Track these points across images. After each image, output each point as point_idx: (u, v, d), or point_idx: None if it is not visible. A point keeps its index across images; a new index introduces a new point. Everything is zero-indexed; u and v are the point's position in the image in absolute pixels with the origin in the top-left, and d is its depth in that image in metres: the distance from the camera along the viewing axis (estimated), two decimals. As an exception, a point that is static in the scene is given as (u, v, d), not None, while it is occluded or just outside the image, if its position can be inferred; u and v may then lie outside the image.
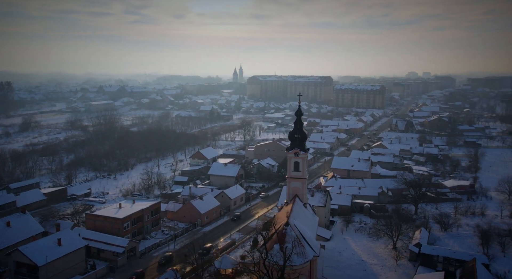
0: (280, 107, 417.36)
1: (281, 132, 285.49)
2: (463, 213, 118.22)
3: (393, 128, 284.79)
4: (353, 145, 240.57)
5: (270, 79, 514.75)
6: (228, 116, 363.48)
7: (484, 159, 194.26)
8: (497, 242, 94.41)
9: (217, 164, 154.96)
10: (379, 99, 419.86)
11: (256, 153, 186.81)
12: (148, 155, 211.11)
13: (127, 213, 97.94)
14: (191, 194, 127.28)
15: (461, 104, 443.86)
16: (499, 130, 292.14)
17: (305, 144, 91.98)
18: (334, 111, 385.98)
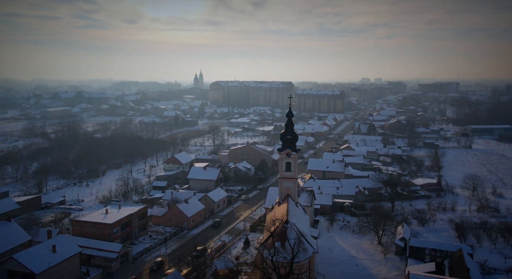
0: (244, 112, 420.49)
1: (248, 137, 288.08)
2: (436, 209, 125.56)
3: (356, 131, 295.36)
4: (321, 148, 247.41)
5: (233, 84, 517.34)
6: (193, 122, 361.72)
7: (444, 159, 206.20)
8: (471, 235, 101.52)
9: (196, 168, 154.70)
10: (339, 104, 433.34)
11: (230, 157, 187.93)
12: (118, 161, 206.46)
13: (116, 218, 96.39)
14: (173, 199, 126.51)
15: (414, 108, 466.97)
16: (452, 131, 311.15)
17: (296, 144, 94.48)
18: (297, 115, 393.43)
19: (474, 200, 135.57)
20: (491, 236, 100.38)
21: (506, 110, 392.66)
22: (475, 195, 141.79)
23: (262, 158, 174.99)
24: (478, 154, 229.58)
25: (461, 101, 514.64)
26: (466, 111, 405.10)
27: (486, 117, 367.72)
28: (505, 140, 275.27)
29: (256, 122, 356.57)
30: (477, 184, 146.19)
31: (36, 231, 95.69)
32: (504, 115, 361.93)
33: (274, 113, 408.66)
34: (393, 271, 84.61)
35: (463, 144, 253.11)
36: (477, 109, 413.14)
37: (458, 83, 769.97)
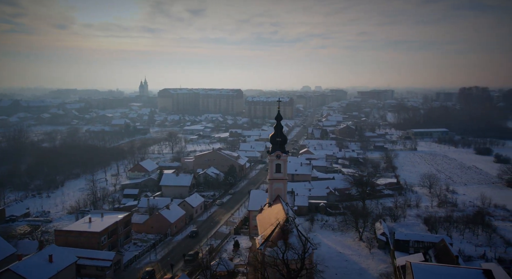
0: (196, 120, 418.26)
1: (205, 144, 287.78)
2: (402, 206, 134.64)
3: (309, 136, 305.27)
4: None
5: (182, 92, 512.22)
6: (145, 130, 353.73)
7: (396, 160, 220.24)
8: (441, 228, 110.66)
9: (168, 174, 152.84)
10: (288, 110, 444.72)
11: (196, 163, 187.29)
12: (75, 171, 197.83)
13: (103, 226, 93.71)
14: (151, 206, 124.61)
15: (357, 114, 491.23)
16: (396, 135, 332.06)
17: (285, 146, 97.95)
18: (249, 122, 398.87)
19: (433, 197, 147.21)
20: (459, 228, 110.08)
21: (440, 115, 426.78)
22: (432, 192, 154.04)
23: (230, 164, 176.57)
24: (423, 156, 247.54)
25: (398, 107, 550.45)
26: (405, 116, 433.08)
27: (423, 121, 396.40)
28: (443, 142, 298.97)
29: (210, 129, 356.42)
30: (433, 182, 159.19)
31: (14, 244, 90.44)
32: (438, 119, 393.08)
33: (227, 120, 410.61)
34: (381, 264, 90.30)
35: (409, 147, 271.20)
36: (414, 114, 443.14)
37: (393, 90, 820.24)
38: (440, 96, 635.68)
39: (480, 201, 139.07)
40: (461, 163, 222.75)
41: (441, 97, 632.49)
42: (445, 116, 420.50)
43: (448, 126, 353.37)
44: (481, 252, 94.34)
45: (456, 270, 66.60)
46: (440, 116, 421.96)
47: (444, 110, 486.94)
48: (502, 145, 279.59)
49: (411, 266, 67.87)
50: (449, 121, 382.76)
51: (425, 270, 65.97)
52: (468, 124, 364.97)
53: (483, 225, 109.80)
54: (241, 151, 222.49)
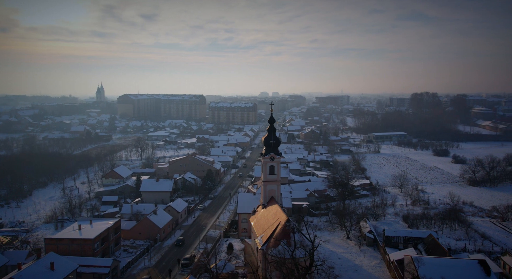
0: (159, 126, 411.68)
1: (172, 149, 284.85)
2: (379, 206, 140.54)
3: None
4: (249, 157, 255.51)
5: (142, 97, 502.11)
6: (108, 136, 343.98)
7: (364, 163, 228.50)
8: (420, 224, 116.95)
9: (148, 180, 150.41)
10: (252, 116, 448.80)
11: (171, 168, 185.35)
12: (42, 179, 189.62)
13: (96, 232, 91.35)
14: (135, 212, 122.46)
15: (318, 119, 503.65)
16: (358, 139, 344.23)
17: (278, 149, 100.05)
18: (214, 127, 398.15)
19: (406, 196, 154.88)
20: (436, 224, 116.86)
21: (395, 119, 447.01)
22: (403, 191, 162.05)
23: (206, 169, 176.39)
24: (387, 158, 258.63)
25: (355, 112, 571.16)
26: (363, 121, 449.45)
27: (381, 125, 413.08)
28: (403, 145, 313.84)
29: (176, 135, 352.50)
30: (403, 182, 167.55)
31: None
32: (395, 123, 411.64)
33: (191, 126, 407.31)
34: (373, 260, 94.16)
35: (373, 150, 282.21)
36: (372, 119, 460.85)
37: (348, 96, 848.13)
38: (394, 101, 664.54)
39: (449, 198, 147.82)
40: (423, 164, 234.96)
41: (394, 102, 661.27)
42: (400, 120, 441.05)
43: (404, 130, 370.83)
44: (462, 245, 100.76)
45: (454, 261, 71.54)
46: (396, 120, 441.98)
47: (399, 114, 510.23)
48: (456, 146, 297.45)
49: (412, 259, 72.07)
50: (404, 125, 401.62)
51: (426, 262, 70.30)
52: (424, 128, 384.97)
53: (459, 221, 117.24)
54: (212, 156, 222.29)
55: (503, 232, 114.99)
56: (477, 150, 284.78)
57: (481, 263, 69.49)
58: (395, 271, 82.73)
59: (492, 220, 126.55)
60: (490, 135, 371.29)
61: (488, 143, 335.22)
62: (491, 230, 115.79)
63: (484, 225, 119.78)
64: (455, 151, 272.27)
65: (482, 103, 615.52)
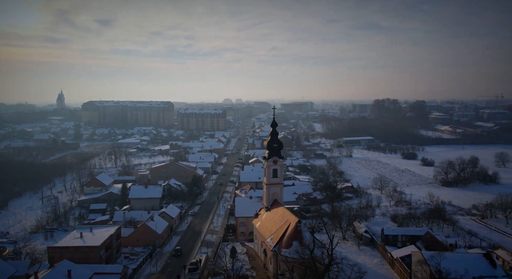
0: (128, 133, 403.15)
1: (146, 157, 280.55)
2: (365, 207, 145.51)
3: (251, 146, 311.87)
4: (227, 163, 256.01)
5: (108, 104, 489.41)
6: (75, 144, 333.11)
7: (340, 167, 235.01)
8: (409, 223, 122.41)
9: (136, 187, 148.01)
10: (222, 122, 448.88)
11: (153, 175, 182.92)
12: (16, 189, 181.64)
13: (101, 239, 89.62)
14: (129, 219, 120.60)
15: (286, 125, 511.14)
16: (329, 144, 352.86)
17: (280, 152, 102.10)
18: (185, 134, 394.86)
19: (387, 197, 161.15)
20: (424, 222, 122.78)
21: (360, 125, 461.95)
22: (384, 193, 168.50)
23: (189, 175, 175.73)
24: (360, 161, 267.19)
25: (321, 118, 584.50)
26: (331, 126, 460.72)
27: (348, 130, 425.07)
28: (372, 149, 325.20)
29: (147, 142, 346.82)
30: (384, 184, 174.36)
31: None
32: (361, 128, 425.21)
33: (161, 133, 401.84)
34: (374, 259, 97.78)
35: (345, 154, 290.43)
36: (338, 124, 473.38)
37: (312, 102, 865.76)
38: (356, 107, 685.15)
39: (428, 199, 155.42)
40: (395, 167, 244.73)
41: (357, 108, 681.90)
42: (365, 126, 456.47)
43: (369, 135, 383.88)
44: (452, 242, 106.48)
45: (461, 255, 76.23)
46: (361, 125, 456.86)
47: (364, 120, 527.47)
48: (422, 150, 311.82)
49: (423, 255, 75.94)
50: (369, 130, 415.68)
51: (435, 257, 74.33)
52: (388, 132, 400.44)
53: (444, 219, 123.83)
54: (192, 162, 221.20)
55: (485, 228, 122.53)
56: (441, 153, 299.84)
57: (486, 257, 74.50)
58: (400, 268, 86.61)
59: (472, 218, 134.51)
60: (450, 139, 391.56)
61: (449, 146, 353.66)
62: (474, 227, 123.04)
63: (467, 223, 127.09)
64: (422, 154, 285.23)
65: (438, 109, 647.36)
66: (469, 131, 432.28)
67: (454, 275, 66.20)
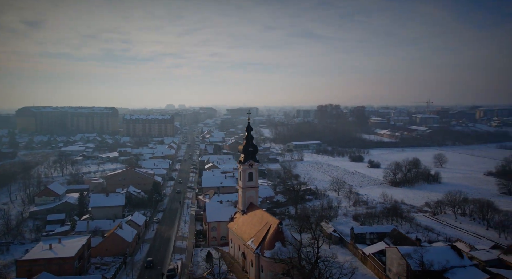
0: (70, 140, 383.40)
1: (94, 164, 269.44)
2: (326, 208, 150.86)
3: (203, 152, 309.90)
4: (181, 169, 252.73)
5: (46, 110, 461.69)
6: (12, 153, 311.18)
7: (295, 170, 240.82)
8: (372, 221, 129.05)
9: (97, 195, 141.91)
10: (170, 128, 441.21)
11: (109, 183, 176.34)
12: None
13: (74, 250, 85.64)
14: (90, 229, 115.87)
15: (234, 130, 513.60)
16: (278, 148, 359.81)
17: (256, 156, 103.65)
18: (132, 141, 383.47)
19: (344, 198, 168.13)
20: (384, 220, 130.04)
21: (305, 129, 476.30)
22: (341, 194, 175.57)
23: (148, 181, 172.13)
24: (312, 165, 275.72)
25: (268, 123, 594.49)
26: (278, 131, 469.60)
27: (295, 135, 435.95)
28: (321, 153, 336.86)
29: (92, 149, 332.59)
30: (340, 186, 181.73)
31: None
32: (307, 133, 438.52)
33: (106, 140, 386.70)
34: (345, 257, 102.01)
35: (296, 158, 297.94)
36: (285, 129, 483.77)
37: (257, 108, 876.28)
38: (300, 113, 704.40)
39: (382, 198, 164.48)
40: (345, 170, 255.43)
41: (301, 113, 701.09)
42: (311, 130, 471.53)
43: (315, 139, 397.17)
44: (413, 237, 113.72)
45: (432, 248, 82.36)
46: (307, 130, 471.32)
47: (309, 125, 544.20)
48: (367, 153, 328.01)
49: (399, 250, 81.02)
50: (315, 135, 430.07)
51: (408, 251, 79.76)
52: (333, 137, 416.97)
53: (402, 217, 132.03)
54: (148, 169, 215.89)
55: (438, 224, 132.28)
56: (384, 155, 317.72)
57: (454, 248, 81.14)
58: (373, 263, 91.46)
59: (425, 214, 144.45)
60: (390, 142, 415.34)
61: (390, 149, 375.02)
62: (428, 223, 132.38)
63: (421, 219, 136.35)
64: (367, 157, 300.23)
65: (376, 114, 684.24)
66: (405, 134, 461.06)
67: (437, 266, 71.54)
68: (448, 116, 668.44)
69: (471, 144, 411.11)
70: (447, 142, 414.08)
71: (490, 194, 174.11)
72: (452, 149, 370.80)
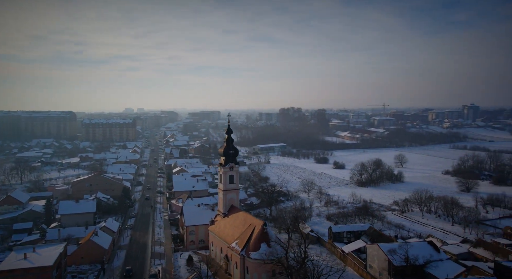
0: (25, 146, 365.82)
1: (53, 170, 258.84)
2: (300, 209, 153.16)
3: (169, 156, 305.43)
4: (148, 174, 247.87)
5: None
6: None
7: (264, 172, 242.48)
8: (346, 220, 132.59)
9: (66, 202, 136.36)
10: (132, 132, 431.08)
11: (75, 190, 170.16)
12: None
13: (52, 259, 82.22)
14: (62, 237, 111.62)
15: (197, 133, 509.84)
16: (245, 151, 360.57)
17: (236, 159, 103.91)
18: (92, 146, 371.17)
19: (315, 199, 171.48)
20: (357, 219, 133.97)
21: (269, 132, 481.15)
22: (311, 195, 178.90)
23: (117, 187, 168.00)
24: (279, 167, 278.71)
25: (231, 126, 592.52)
26: (242, 134, 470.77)
27: (260, 138, 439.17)
28: (287, 155, 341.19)
29: (50, 155, 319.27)
30: (310, 188, 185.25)
31: None
32: (271, 136, 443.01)
33: (64, 145, 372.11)
34: (323, 255, 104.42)
35: (263, 160, 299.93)
36: (251, 132, 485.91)
37: (219, 111, 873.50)
38: (263, 116, 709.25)
39: (352, 198, 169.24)
40: (312, 171, 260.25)
41: (263, 116, 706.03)
42: (274, 133, 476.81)
43: (279, 141, 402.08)
44: (386, 234, 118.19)
45: (410, 244, 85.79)
46: (270, 133, 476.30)
47: (272, 128, 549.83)
48: (331, 154, 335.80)
49: (380, 247, 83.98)
50: (279, 137, 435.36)
51: (389, 247, 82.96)
52: (296, 139, 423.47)
53: (373, 215, 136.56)
54: (113, 174, 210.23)
55: (407, 221, 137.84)
56: (348, 157, 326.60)
57: (430, 243, 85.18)
58: (353, 260, 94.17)
59: (394, 213, 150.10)
60: (352, 143, 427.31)
61: (352, 150, 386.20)
62: (398, 220, 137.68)
63: (391, 217, 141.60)
64: (332, 159, 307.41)
65: (336, 117, 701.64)
66: (365, 136, 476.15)
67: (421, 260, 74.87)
68: (403, 118, 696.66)
69: (426, 145, 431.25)
70: (404, 143, 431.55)
71: (450, 192, 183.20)
72: (409, 149, 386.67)
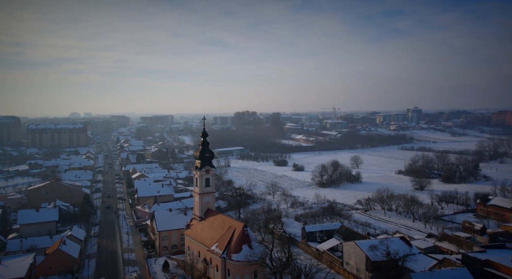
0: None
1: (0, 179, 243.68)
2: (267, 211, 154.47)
3: (125, 161, 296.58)
4: (105, 180, 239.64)
5: None
6: None
7: (226, 176, 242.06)
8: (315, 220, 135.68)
9: (26, 211, 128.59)
10: (82, 138, 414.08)
11: (31, 198, 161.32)
12: None
13: (23, 270, 77.96)
14: (24, 248, 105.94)
15: (152, 138, 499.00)
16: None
17: (212, 162, 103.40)
18: (40, 152, 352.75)
19: (281, 200, 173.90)
20: (324, 218, 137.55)
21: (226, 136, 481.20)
22: (276, 197, 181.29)
23: (76, 194, 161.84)
24: (240, 170, 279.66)
25: (186, 131, 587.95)
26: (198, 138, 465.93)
27: (217, 141, 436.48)
28: (245, 158, 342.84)
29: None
30: (275, 190, 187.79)
31: None
32: (228, 139, 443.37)
33: (8, 152, 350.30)
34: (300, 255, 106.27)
35: (223, 164, 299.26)
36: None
37: (173, 116, 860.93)
38: (217, 120, 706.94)
39: (316, 199, 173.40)
40: (273, 174, 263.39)
41: (218, 120, 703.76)
42: (230, 137, 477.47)
43: (236, 145, 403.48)
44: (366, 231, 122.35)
45: (386, 240, 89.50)
46: (226, 136, 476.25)
47: (227, 131, 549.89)
48: (289, 157, 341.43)
49: (357, 244, 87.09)
50: (235, 141, 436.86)
51: (366, 244, 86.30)
52: (253, 142, 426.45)
53: (339, 215, 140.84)
54: (68, 181, 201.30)
55: (372, 219, 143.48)
56: (305, 159, 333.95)
57: (402, 239, 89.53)
58: (329, 259, 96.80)
59: (357, 211, 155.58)
60: (307, 146, 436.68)
61: (308, 153, 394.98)
62: (363, 219, 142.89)
63: (356, 216, 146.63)
64: (291, 161, 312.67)
65: (290, 120, 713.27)
66: (319, 139, 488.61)
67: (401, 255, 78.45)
68: (353, 121, 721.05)
69: (377, 146, 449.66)
70: (356, 145, 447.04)
71: (406, 190, 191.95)
72: (362, 151, 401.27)
